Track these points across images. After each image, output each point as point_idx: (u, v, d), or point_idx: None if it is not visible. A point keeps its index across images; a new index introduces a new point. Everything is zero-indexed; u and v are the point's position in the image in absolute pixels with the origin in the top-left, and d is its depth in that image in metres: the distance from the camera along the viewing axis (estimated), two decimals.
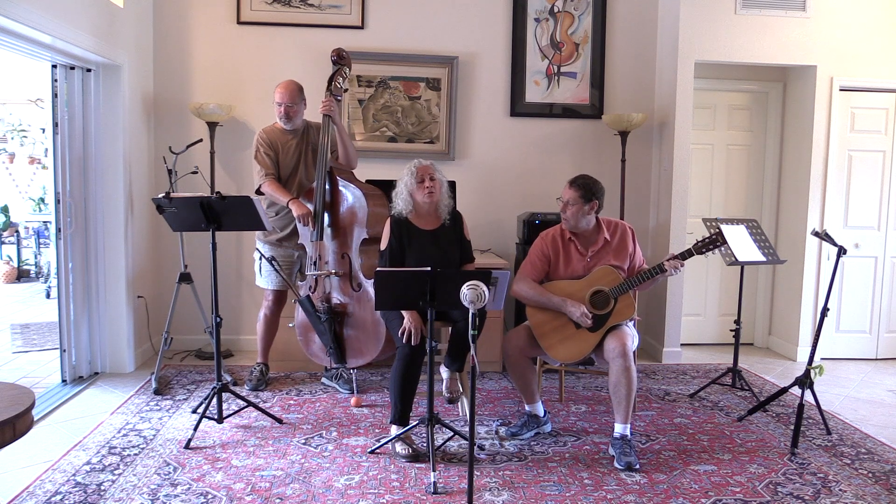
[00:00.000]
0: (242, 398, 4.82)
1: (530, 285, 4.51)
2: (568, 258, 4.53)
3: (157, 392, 5.30)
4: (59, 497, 3.66)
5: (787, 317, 6.88)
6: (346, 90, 5.54)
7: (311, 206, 5.14)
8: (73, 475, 3.92)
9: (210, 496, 3.71)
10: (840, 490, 3.93)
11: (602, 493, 3.85)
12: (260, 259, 5.49)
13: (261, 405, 4.96)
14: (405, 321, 4.34)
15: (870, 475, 4.14)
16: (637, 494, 3.83)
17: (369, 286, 4.94)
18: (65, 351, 5.56)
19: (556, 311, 4.44)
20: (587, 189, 4.43)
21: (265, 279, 5.52)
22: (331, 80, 5.28)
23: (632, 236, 4.62)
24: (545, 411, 4.70)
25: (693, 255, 4.34)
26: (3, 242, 10.72)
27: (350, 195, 5.13)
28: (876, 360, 6.77)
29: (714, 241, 4.34)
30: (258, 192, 5.28)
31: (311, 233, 5.15)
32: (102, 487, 3.78)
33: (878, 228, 6.70)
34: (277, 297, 5.57)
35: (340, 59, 5.30)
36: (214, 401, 4.61)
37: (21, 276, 10.61)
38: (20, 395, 2.81)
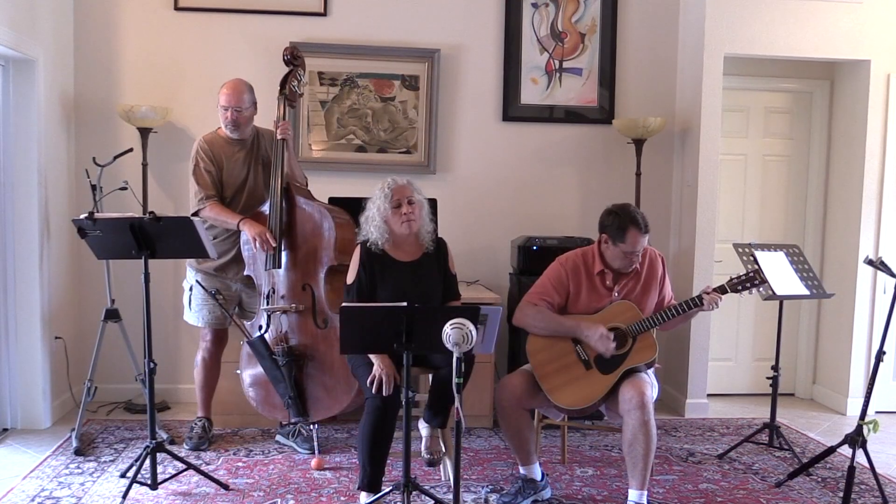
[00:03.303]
0: (181, 460, 4.84)
1: (538, 310, 4.58)
2: (591, 293, 4.60)
3: (78, 452, 5.31)
4: None
5: (836, 362, 6.94)
6: (301, 94, 5.61)
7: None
8: None
9: None
10: None
11: None
12: (190, 290, 5.52)
13: (203, 468, 4.98)
14: (375, 367, 4.35)
15: None
16: None
17: (338, 322, 4.89)
18: None
19: (561, 350, 4.53)
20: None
21: (195, 314, 5.54)
22: (283, 83, 5.36)
23: (662, 264, 4.72)
24: (543, 474, 4.76)
25: (727, 292, 4.44)
26: None
27: (313, 215, 5.19)
28: None
29: (752, 280, 4.42)
30: (195, 216, 5.23)
31: (264, 261, 5.19)
32: None
33: None
34: (216, 337, 5.60)
35: (295, 58, 5.38)
36: (147, 463, 4.60)
37: None
38: None
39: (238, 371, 5.44)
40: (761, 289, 4.71)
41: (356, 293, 4.59)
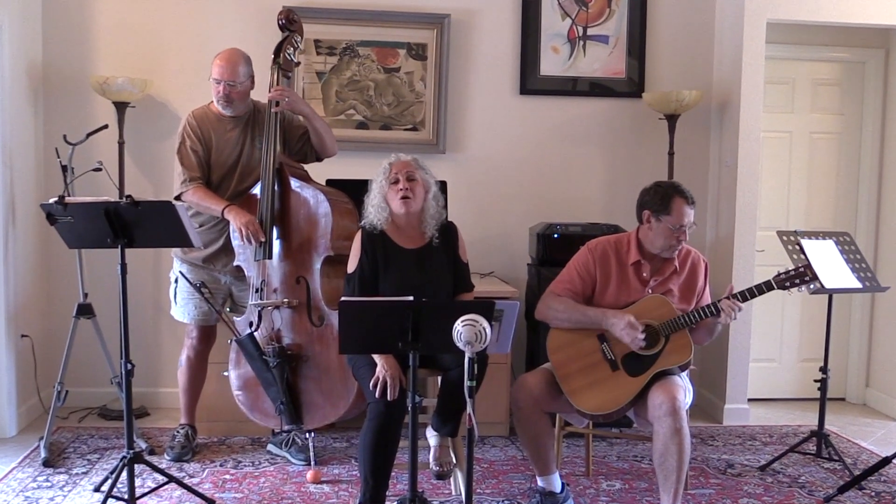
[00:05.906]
0: (162, 472, 4.83)
1: (561, 300, 4.59)
2: (621, 285, 4.60)
3: (47, 463, 5.32)
4: None
5: (891, 363, 6.95)
6: (298, 64, 5.58)
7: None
8: None
9: None
10: None
11: None
12: (176, 282, 5.52)
13: (186, 481, 4.98)
14: (378, 368, 4.34)
15: None
16: None
17: (335, 319, 4.90)
18: None
19: (585, 348, 4.52)
20: None
21: (181, 309, 5.55)
22: (278, 50, 5.33)
23: (704, 271, 4.71)
24: (563, 485, 4.76)
25: (773, 288, 4.40)
26: None
27: (308, 199, 5.17)
28: None
29: (802, 276, 4.39)
30: (177, 199, 5.23)
31: (254, 250, 5.17)
32: None
33: None
34: (203, 335, 5.59)
35: (291, 22, 5.35)
36: (124, 475, 4.58)
37: None
38: None
39: (226, 373, 5.42)
40: (812, 285, 4.65)
41: (358, 282, 4.60)
